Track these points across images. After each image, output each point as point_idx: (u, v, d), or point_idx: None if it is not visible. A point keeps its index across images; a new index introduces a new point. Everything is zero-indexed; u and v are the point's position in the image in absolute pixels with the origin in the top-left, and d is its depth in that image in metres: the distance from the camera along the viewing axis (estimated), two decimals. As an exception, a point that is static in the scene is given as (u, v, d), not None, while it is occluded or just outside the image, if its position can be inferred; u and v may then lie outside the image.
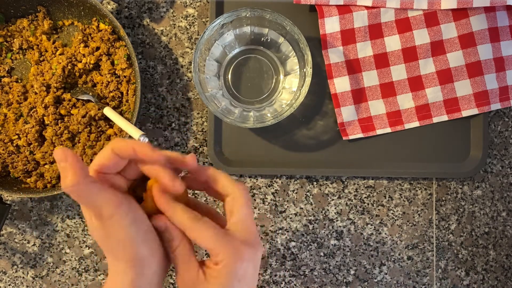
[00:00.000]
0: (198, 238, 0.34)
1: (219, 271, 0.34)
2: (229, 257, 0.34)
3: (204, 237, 0.34)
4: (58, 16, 0.59)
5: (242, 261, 0.34)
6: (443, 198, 0.62)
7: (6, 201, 0.61)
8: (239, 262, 0.34)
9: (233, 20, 0.54)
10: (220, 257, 0.33)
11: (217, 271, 0.34)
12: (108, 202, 0.31)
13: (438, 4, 0.57)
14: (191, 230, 0.34)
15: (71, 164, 0.30)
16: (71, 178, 0.30)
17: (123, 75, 0.56)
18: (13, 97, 0.58)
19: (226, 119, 0.54)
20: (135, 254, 0.32)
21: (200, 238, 0.34)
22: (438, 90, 0.59)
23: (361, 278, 0.62)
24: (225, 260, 0.34)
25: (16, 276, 0.62)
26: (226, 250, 0.34)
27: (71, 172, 0.30)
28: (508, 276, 0.63)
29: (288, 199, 0.61)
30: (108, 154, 0.33)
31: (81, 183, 0.30)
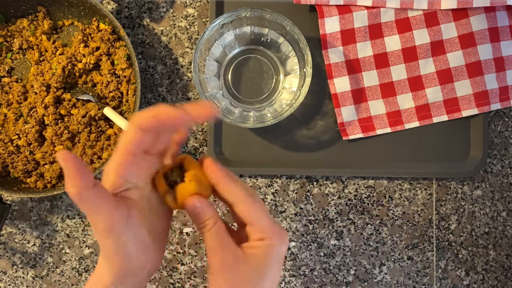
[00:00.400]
0: (250, 211, 0.34)
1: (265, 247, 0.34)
2: (276, 236, 0.34)
3: (257, 211, 0.34)
4: (58, 16, 0.59)
5: (285, 244, 0.35)
6: (443, 198, 0.62)
7: (6, 201, 0.61)
8: (284, 244, 0.35)
9: (233, 20, 0.54)
10: (269, 234, 0.34)
11: (262, 247, 0.34)
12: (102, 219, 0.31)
13: (438, 4, 0.57)
14: (244, 203, 0.34)
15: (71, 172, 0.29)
16: (70, 188, 0.29)
17: (123, 75, 0.56)
18: (13, 97, 0.58)
19: (226, 119, 0.54)
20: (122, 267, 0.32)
21: (252, 211, 0.34)
22: (438, 90, 0.59)
23: (361, 278, 0.62)
24: (273, 239, 0.34)
25: (16, 276, 0.62)
26: (274, 230, 0.34)
27: (71, 181, 0.29)
28: (508, 276, 0.63)
29: (288, 199, 0.61)
30: (133, 132, 0.31)
31: (81, 193, 0.29)
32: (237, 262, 0.33)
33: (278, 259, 0.35)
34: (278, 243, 0.34)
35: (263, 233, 0.34)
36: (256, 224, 0.34)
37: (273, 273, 0.35)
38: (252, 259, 0.34)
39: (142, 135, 0.31)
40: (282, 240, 0.34)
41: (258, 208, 0.34)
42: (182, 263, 0.62)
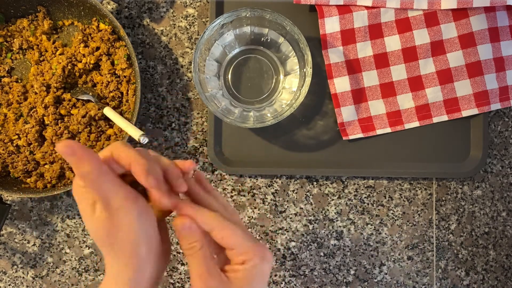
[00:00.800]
0: (227, 237, 0.34)
1: (247, 270, 0.34)
2: (256, 256, 0.34)
3: (234, 236, 0.34)
4: (58, 16, 0.59)
5: (267, 262, 0.35)
6: (443, 198, 0.62)
7: (6, 201, 0.61)
8: (266, 262, 0.35)
9: (233, 20, 0.54)
10: (249, 256, 0.34)
11: (244, 270, 0.34)
12: (117, 192, 0.31)
13: (438, 4, 0.57)
14: (219, 229, 0.34)
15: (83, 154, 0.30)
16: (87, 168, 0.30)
17: (123, 75, 0.56)
18: (13, 97, 0.58)
19: (226, 119, 0.54)
20: (135, 252, 0.32)
21: (229, 237, 0.34)
22: (438, 90, 0.59)
23: (361, 278, 0.62)
24: (254, 260, 0.34)
25: (16, 276, 0.62)
26: (254, 250, 0.34)
27: (87, 162, 0.30)
28: (508, 276, 0.63)
29: (288, 199, 0.61)
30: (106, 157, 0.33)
31: (97, 171, 0.30)
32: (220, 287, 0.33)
33: (262, 277, 0.35)
34: (259, 262, 0.34)
35: (243, 255, 0.34)
36: (235, 248, 0.34)
37: None
38: (236, 283, 0.34)
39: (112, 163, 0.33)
40: (263, 259, 0.34)
41: (234, 232, 0.34)
42: (182, 263, 0.62)
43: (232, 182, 0.61)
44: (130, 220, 0.32)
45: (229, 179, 0.61)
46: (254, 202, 0.61)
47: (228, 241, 0.34)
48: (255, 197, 0.61)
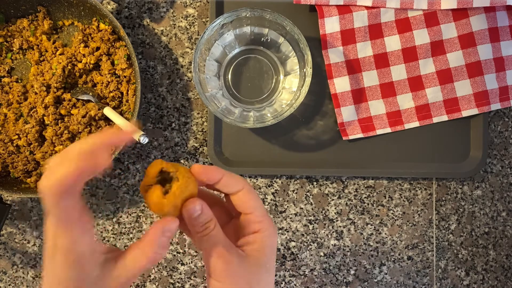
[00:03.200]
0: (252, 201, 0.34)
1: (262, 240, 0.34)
2: (271, 226, 0.35)
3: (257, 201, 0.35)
4: (58, 16, 0.59)
5: (276, 235, 0.36)
6: (443, 198, 0.62)
7: (6, 201, 0.61)
8: (276, 235, 0.36)
9: (233, 20, 0.54)
10: (265, 225, 0.35)
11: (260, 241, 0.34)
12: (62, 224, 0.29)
13: (438, 4, 0.57)
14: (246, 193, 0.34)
15: None
16: None
17: (123, 75, 0.57)
18: (13, 97, 0.58)
19: (226, 119, 0.54)
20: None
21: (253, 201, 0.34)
22: (438, 90, 0.59)
23: (361, 278, 0.62)
24: (269, 230, 0.35)
25: (16, 276, 0.62)
26: (269, 220, 0.35)
27: None
28: (508, 276, 0.63)
29: (288, 199, 0.61)
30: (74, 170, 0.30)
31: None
32: (240, 264, 0.33)
33: (274, 249, 0.36)
34: (272, 233, 0.35)
35: (259, 224, 0.35)
36: (253, 212, 0.35)
37: (272, 265, 0.36)
38: (253, 255, 0.34)
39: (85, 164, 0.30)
40: (275, 231, 0.36)
41: (256, 197, 0.35)
42: (182, 263, 0.62)
43: (232, 182, 0.61)
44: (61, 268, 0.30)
45: (229, 179, 0.61)
46: (254, 202, 0.61)
47: (249, 204, 0.34)
48: (255, 197, 0.61)
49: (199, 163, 0.34)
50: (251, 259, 0.34)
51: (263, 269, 0.34)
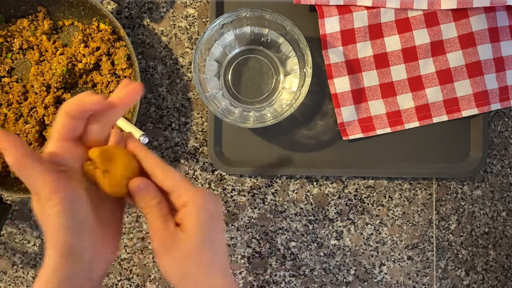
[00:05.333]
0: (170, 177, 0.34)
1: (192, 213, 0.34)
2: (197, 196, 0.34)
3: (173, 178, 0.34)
4: (58, 16, 0.59)
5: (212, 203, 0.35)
6: (443, 198, 0.62)
7: (6, 201, 0.61)
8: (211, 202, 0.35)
9: (233, 20, 0.54)
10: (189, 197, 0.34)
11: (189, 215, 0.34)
12: (45, 185, 0.31)
13: (438, 4, 0.57)
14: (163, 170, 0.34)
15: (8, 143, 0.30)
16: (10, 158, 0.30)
17: (123, 75, 0.57)
18: (13, 97, 0.58)
19: (226, 119, 0.54)
20: (61, 244, 0.32)
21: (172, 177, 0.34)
22: (438, 90, 0.59)
23: (361, 278, 0.62)
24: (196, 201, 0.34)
25: (16, 276, 0.62)
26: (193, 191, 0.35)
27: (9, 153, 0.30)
28: (508, 276, 0.63)
29: (288, 199, 0.61)
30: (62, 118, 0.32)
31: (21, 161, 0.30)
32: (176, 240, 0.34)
33: (212, 217, 0.35)
34: (202, 202, 0.34)
35: (183, 197, 0.34)
36: (175, 190, 0.34)
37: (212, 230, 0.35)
38: (187, 229, 0.34)
39: (70, 121, 0.33)
40: (205, 199, 0.35)
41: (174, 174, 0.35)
42: (182, 263, 0.62)
43: (232, 182, 0.61)
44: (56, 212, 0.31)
45: (229, 179, 0.61)
46: (254, 202, 0.61)
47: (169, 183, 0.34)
48: (255, 197, 0.61)
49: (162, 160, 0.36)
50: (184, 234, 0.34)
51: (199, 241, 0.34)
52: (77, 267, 0.32)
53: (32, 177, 0.31)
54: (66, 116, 0.32)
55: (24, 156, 0.30)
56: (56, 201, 0.31)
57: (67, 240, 0.32)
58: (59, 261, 0.32)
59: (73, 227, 0.32)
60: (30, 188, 0.31)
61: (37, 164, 0.31)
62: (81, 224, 0.32)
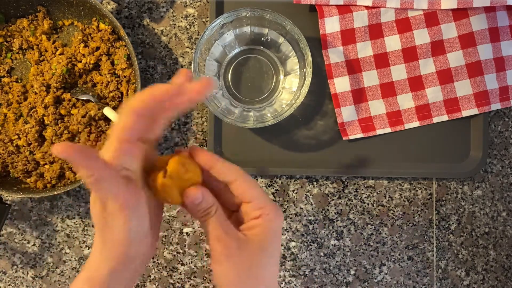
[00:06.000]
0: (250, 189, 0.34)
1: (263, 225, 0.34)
2: (272, 211, 0.35)
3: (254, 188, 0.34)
4: (58, 16, 0.59)
5: (281, 219, 0.35)
6: (443, 198, 0.62)
7: (6, 201, 0.61)
8: (280, 218, 0.35)
9: (233, 20, 0.54)
10: (266, 210, 0.34)
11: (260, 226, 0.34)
12: (116, 200, 0.30)
13: (438, 4, 0.57)
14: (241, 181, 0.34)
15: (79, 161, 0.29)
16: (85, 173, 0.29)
17: (123, 75, 0.56)
18: (13, 97, 0.58)
19: (226, 119, 0.54)
20: (123, 254, 0.32)
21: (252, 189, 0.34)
22: (438, 90, 0.59)
23: (361, 278, 0.62)
24: (270, 215, 0.34)
25: (16, 276, 0.62)
26: (270, 205, 0.35)
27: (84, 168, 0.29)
28: (508, 276, 0.63)
29: (288, 199, 0.61)
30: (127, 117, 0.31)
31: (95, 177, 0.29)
32: (241, 247, 0.34)
33: (277, 233, 0.35)
34: (274, 217, 0.35)
35: (260, 210, 0.34)
36: (253, 201, 0.34)
37: (275, 249, 0.35)
38: (254, 239, 0.34)
39: (136, 120, 0.31)
40: (278, 215, 0.35)
41: (254, 185, 0.35)
42: (182, 263, 0.62)
43: (232, 182, 0.61)
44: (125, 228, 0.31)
45: (229, 179, 0.61)
46: (254, 202, 0.61)
47: (248, 192, 0.34)
48: (255, 197, 0.61)
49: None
50: (252, 243, 0.34)
51: (264, 253, 0.34)
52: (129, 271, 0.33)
53: (104, 190, 0.30)
54: (134, 115, 0.30)
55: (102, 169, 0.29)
56: (126, 218, 0.31)
57: (128, 252, 0.32)
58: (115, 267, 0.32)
59: (136, 240, 0.32)
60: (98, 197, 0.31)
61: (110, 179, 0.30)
62: (143, 237, 0.33)
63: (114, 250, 0.32)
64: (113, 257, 0.32)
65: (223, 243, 0.33)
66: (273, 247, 0.35)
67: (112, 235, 0.31)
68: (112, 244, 0.32)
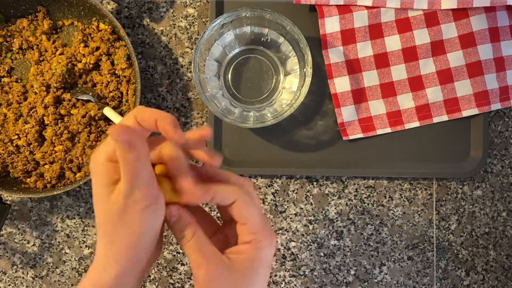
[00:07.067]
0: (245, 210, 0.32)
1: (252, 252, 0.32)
2: (266, 239, 0.33)
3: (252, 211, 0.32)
4: (58, 16, 0.59)
5: (274, 248, 0.34)
6: (443, 198, 0.62)
7: (6, 201, 0.61)
8: (272, 248, 0.33)
9: (233, 20, 0.54)
10: (259, 237, 0.32)
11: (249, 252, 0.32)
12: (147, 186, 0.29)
13: (438, 4, 0.57)
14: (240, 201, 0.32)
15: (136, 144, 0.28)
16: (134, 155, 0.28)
17: (123, 75, 0.56)
18: (13, 97, 0.58)
19: (226, 119, 0.54)
20: (136, 254, 0.31)
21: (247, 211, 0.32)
22: (438, 90, 0.59)
23: (361, 278, 0.62)
24: (262, 242, 0.32)
25: (16, 276, 0.62)
26: (266, 232, 0.33)
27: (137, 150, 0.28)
28: (508, 276, 0.63)
29: (288, 199, 0.61)
30: (131, 122, 0.31)
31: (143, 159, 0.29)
32: (222, 273, 0.32)
33: (266, 262, 0.33)
34: (266, 246, 0.33)
35: (252, 235, 0.33)
36: (247, 223, 0.33)
37: (260, 277, 0.33)
38: (238, 265, 0.32)
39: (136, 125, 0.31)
40: (270, 243, 0.33)
41: (252, 207, 0.33)
42: (182, 263, 0.62)
43: (232, 182, 0.61)
44: (140, 219, 0.29)
45: (229, 179, 0.61)
46: (254, 202, 0.61)
47: (243, 215, 0.32)
48: (255, 197, 0.61)
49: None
50: (235, 270, 0.32)
51: (248, 281, 0.32)
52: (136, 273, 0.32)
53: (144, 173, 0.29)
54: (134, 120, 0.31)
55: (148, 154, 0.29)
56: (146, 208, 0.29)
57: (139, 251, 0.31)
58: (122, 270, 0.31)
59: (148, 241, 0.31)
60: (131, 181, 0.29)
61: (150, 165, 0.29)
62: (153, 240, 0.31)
63: (123, 250, 0.30)
64: (120, 258, 0.30)
65: (203, 269, 0.32)
66: (258, 277, 0.33)
67: (125, 230, 0.30)
68: (121, 244, 0.30)
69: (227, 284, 0.32)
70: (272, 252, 0.34)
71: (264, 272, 0.34)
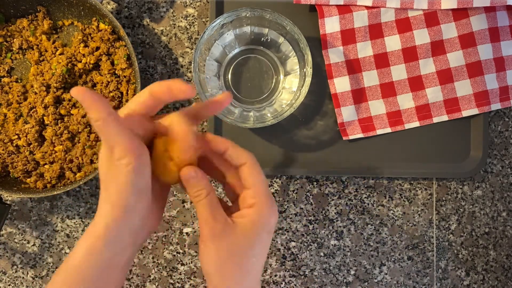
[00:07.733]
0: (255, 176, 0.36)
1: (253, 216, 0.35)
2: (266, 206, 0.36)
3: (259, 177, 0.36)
4: (58, 16, 0.59)
5: (274, 216, 0.36)
6: (443, 198, 0.62)
7: (6, 201, 0.61)
8: (273, 216, 0.36)
9: (233, 20, 0.54)
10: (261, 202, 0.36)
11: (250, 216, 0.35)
12: (121, 144, 0.32)
13: (438, 4, 0.57)
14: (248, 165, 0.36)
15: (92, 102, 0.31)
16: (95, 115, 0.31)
17: (123, 75, 0.56)
18: (13, 97, 0.58)
19: (226, 119, 0.54)
20: (124, 201, 0.33)
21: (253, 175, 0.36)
22: (438, 90, 0.59)
23: (361, 278, 0.62)
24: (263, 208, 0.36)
25: (16, 276, 0.62)
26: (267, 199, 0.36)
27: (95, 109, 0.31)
28: (508, 276, 0.63)
29: (288, 199, 0.61)
30: (145, 97, 0.34)
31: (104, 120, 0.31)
32: (226, 231, 0.35)
33: (267, 228, 0.36)
34: (266, 212, 0.36)
35: (254, 198, 0.35)
36: (252, 188, 0.36)
37: (262, 241, 0.36)
38: (241, 227, 0.35)
39: (152, 101, 0.35)
40: (271, 211, 0.36)
41: (258, 173, 0.36)
42: (182, 263, 0.62)
43: (232, 182, 0.61)
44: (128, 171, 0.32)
45: (229, 179, 0.61)
46: (254, 202, 0.61)
47: (250, 178, 0.36)
48: (255, 197, 0.61)
49: None
50: (237, 230, 0.35)
51: (249, 242, 0.35)
52: (129, 229, 0.34)
53: (111, 133, 0.32)
54: (149, 95, 0.34)
55: (107, 114, 0.31)
56: (132, 159, 0.32)
57: (129, 201, 0.33)
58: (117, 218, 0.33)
59: (137, 189, 0.33)
60: (106, 143, 0.33)
61: (118, 123, 0.32)
62: (143, 189, 0.34)
63: (116, 196, 0.33)
64: (115, 202, 0.33)
65: (209, 226, 0.35)
66: (259, 240, 0.36)
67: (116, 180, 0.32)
68: (116, 189, 0.33)
69: (229, 242, 0.35)
70: (274, 221, 0.36)
71: (266, 237, 0.36)
